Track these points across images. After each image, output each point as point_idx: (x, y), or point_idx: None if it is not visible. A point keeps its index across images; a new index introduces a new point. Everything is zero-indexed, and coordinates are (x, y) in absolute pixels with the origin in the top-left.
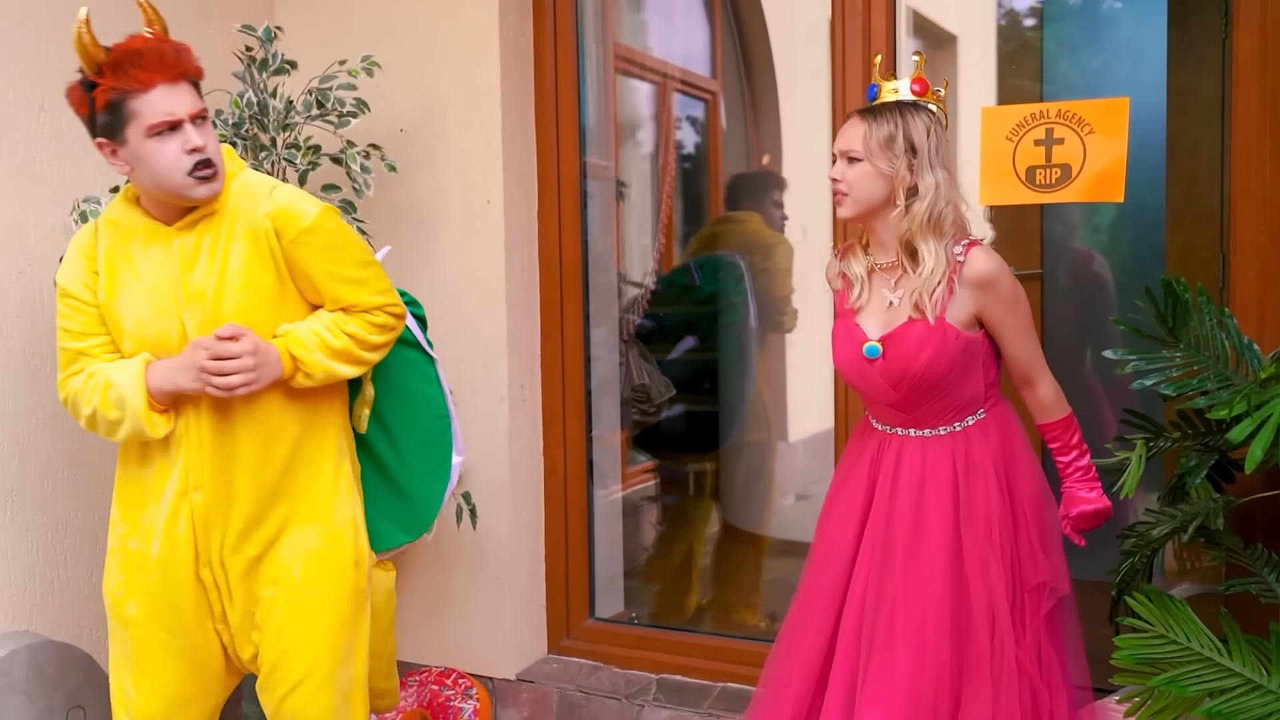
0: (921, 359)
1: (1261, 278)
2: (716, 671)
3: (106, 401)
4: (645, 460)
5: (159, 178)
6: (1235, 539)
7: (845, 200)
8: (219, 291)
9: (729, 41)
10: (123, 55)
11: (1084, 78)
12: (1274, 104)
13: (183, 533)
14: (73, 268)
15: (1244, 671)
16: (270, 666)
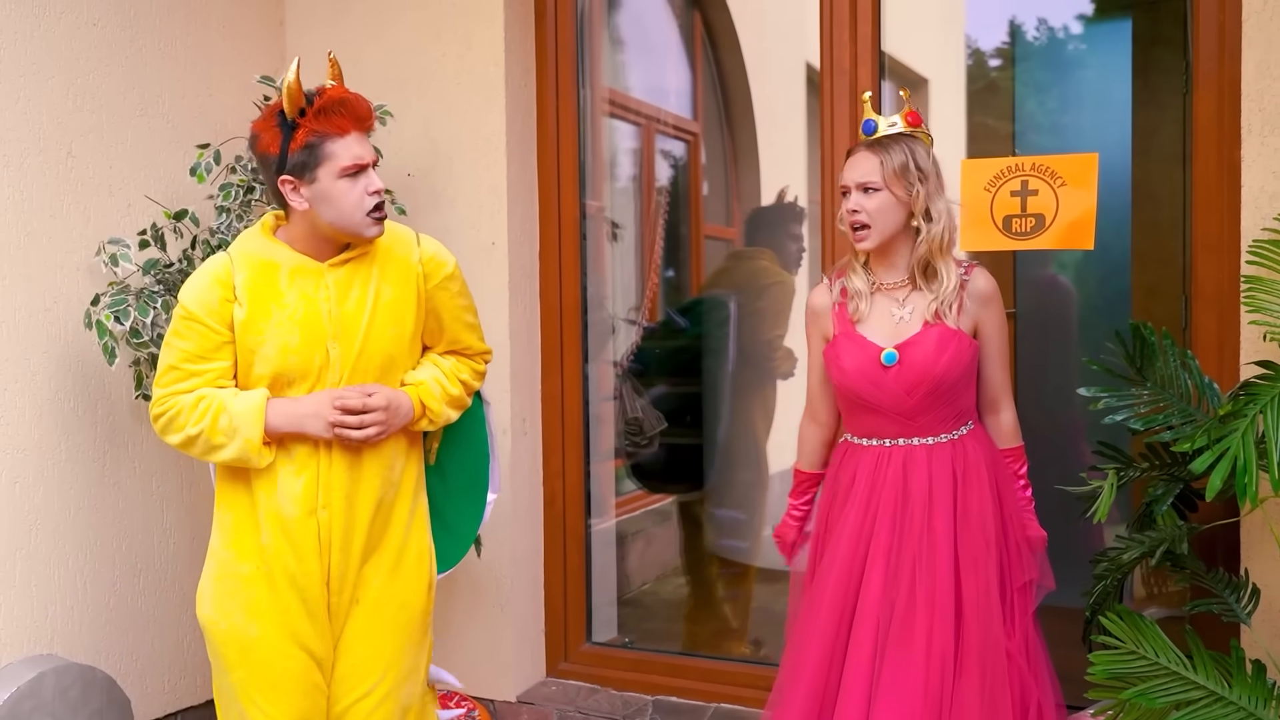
0: (942, 362)
1: (1220, 321)
2: (710, 693)
3: (217, 428)
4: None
5: (343, 214)
6: (1199, 563)
7: (869, 233)
8: (370, 323)
9: (709, 83)
10: (328, 103)
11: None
12: (1231, 160)
13: (310, 549)
14: (206, 294)
15: (1208, 684)
16: (340, 674)
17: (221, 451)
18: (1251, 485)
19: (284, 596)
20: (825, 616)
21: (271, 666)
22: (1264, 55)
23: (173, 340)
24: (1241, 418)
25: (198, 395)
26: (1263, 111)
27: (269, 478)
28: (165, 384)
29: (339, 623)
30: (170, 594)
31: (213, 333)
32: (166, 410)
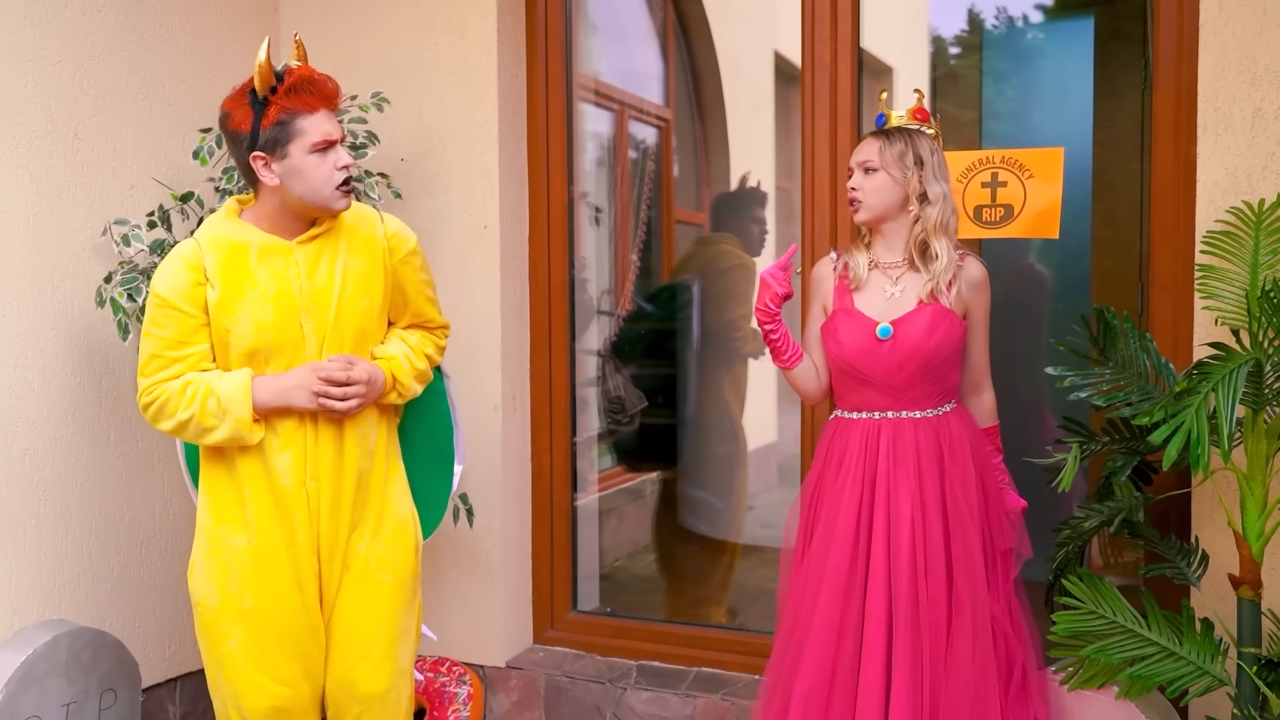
0: (934, 338)
1: (1175, 307)
2: (692, 657)
3: (206, 411)
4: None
5: (314, 188)
6: (1153, 531)
7: (861, 206)
8: (341, 296)
9: (681, 72)
10: (298, 81)
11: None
12: (1187, 156)
13: (301, 519)
14: (177, 280)
15: (1160, 641)
16: (338, 641)
17: (214, 433)
18: (1204, 456)
19: (276, 567)
20: (830, 586)
21: (265, 634)
22: (1218, 59)
23: (151, 329)
24: (1195, 394)
25: (184, 381)
26: (1217, 111)
27: (256, 453)
28: (149, 373)
29: (330, 591)
30: (171, 563)
31: (188, 317)
32: (155, 398)
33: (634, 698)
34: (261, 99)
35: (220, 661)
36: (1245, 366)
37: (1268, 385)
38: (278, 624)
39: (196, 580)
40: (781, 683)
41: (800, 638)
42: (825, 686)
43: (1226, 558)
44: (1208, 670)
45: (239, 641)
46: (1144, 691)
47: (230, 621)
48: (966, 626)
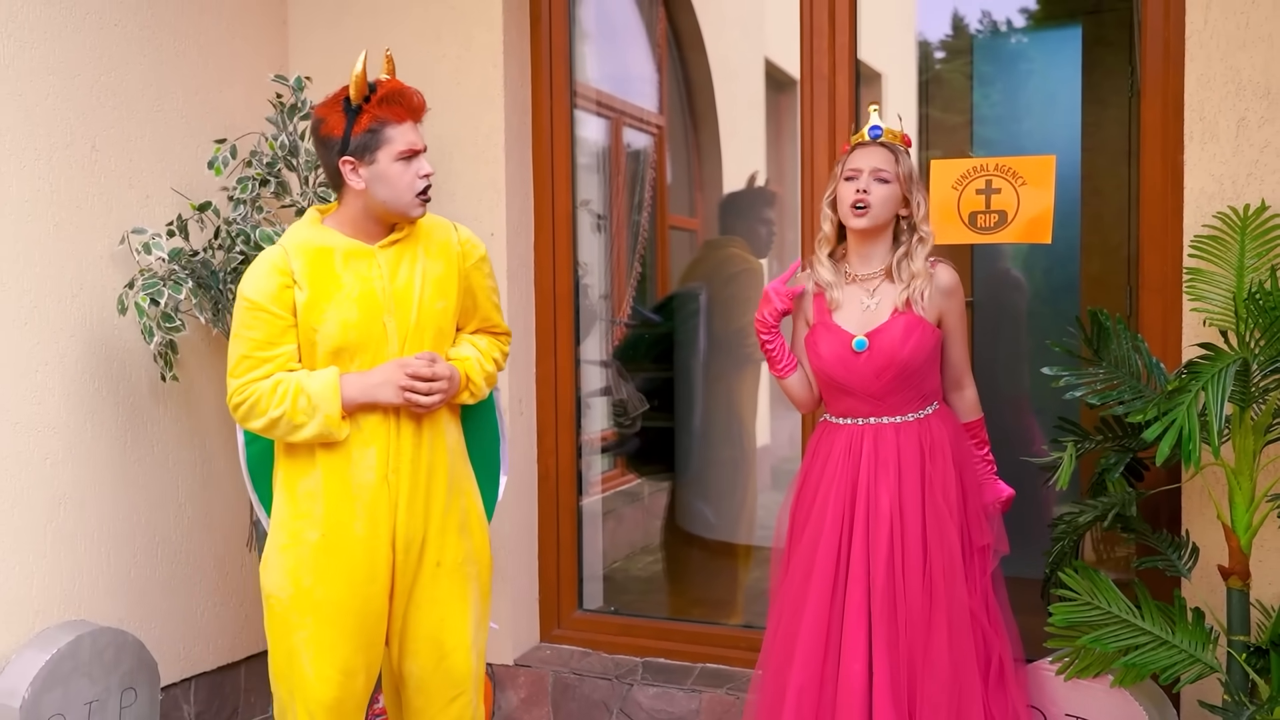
0: (908, 347)
1: (1164, 309)
2: (697, 654)
3: (297, 409)
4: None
5: (396, 194)
6: (1145, 525)
7: (867, 212)
8: (422, 297)
9: (674, 79)
10: (389, 93)
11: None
12: (1174, 163)
13: (382, 514)
14: (266, 284)
15: (1154, 630)
16: (425, 633)
17: (303, 430)
18: (1195, 452)
19: (350, 560)
20: (817, 584)
21: (334, 626)
22: (1204, 70)
23: (240, 332)
24: (1187, 393)
25: (274, 380)
26: (1203, 120)
27: (339, 449)
28: (240, 373)
29: (405, 583)
30: (185, 565)
31: (277, 318)
32: (246, 398)
33: (640, 693)
34: (355, 107)
35: (290, 653)
36: (1234, 366)
37: (1254, 383)
38: (347, 616)
39: (270, 574)
40: (773, 680)
41: (790, 635)
42: (816, 682)
43: (1215, 550)
44: (1199, 658)
45: (309, 634)
46: (1138, 679)
47: (302, 614)
48: (943, 620)
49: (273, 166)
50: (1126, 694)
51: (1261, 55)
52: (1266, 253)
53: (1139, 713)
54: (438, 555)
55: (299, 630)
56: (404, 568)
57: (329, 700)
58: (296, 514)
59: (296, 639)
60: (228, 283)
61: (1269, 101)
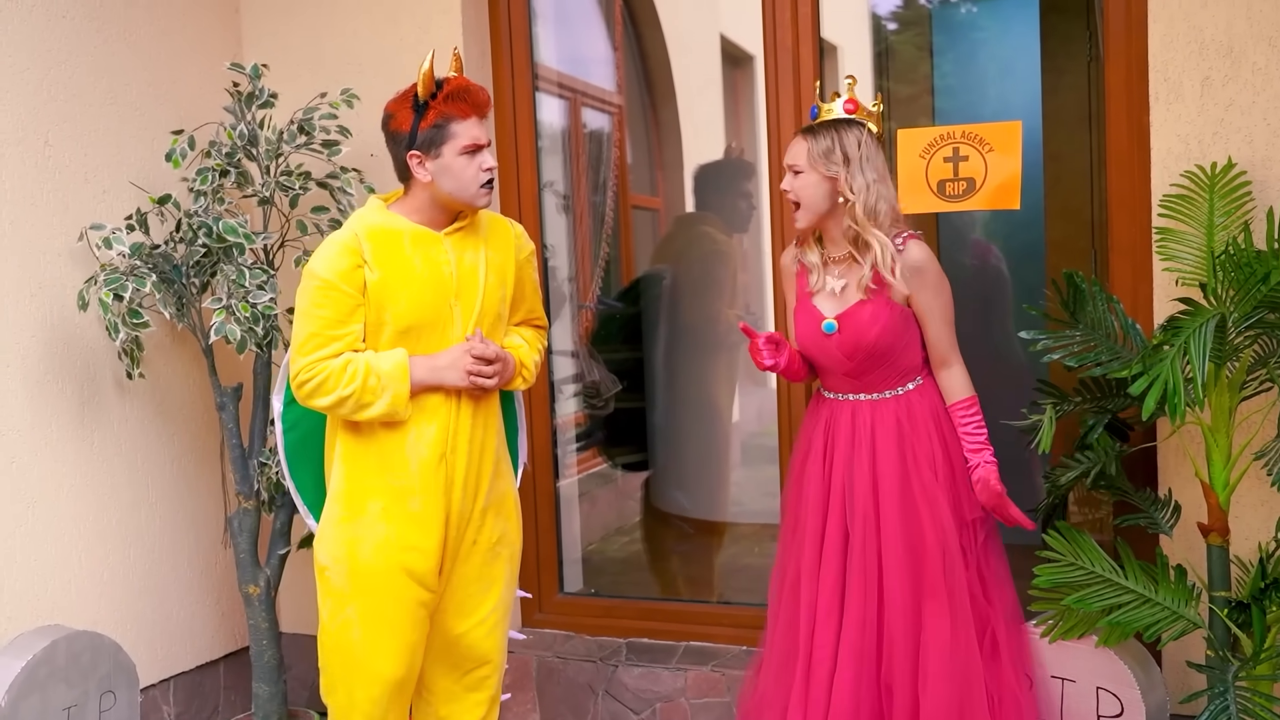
0: (873, 332)
1: (1135, 270)
2: (680, 632)
3: (367, 388)
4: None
5: (461, 185)
6: (1127, 482)
7: (799, 210)
8: (486, 282)
9: (631, 57)
10: (455, 90)
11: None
12: (1140, 125)
13: (437, 490)
14: (338, 263)
15: (1137, 588)
16: (456, 603)
17: (371, 409)
18: (1180, 405)
19: (407, 536)
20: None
21: (391, 600)
22: (1167, 30)
23: (310, 309)
24: (1170, 347)
25: (344, 360)
26: (1168, 81)
27: (399, 427)
28: (308, 351)
29: (450, 561)
30: (159, 564)
31: (348, 297)
32: (314, 375)
33: (625, 674)
34: (422, 103)
35: (346, 626)
36: (1213, 320)
37: (1230, 341)
38: (404, 591)
39: (325, 546)
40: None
41: (790, 609)
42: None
43: (1192, 508)
44: (1182, 614)
45: (366, 607)
46: (1122, 638)
47: (358, 586)
48: (941, 593)
49: (232, 156)
50: (1111, 654)
51: (1224, 13)
52: (1235, 210)
53: (1124, 671)
54: (475, 534)
55: (352, 603)
56: (453, 545)
57: (389, 675)
58: (353, 487)
59: (351, 612)
60: (191, 276)
61: (1232, 60)
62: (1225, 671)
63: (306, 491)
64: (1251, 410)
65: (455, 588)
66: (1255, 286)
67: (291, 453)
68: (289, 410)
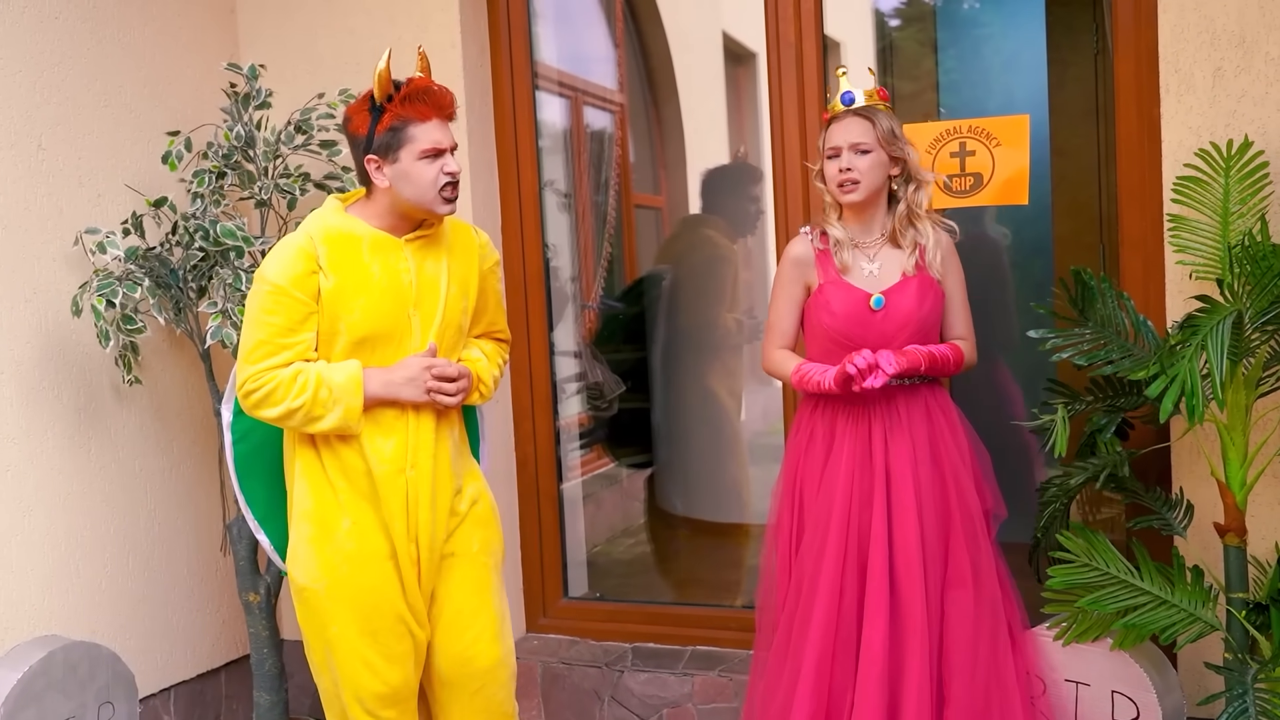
0: (925, 307)
1: (1146, 265)
2: (686, 637)
3: (318, 400)
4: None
5: (419, 191)
6: (1139, 484)
7: (857, 187)
8: (447, 292)
9: (632, 55)
10: (414, 91)
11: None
12: (1150, 117)
13: (398, 506)
14: (291, 268)
15: (1152, 589)
16: (448, 623)
17: (321, 422)
18: (1199, 407)
19: (378, 548)
20: (831, 557)
21: (375, 614)
22: (1177, 20)
23: (260, 316)
24: (1188, 347)
25: (294, 370)
26: (1178, 73)
27: (354, 441)
28: (256, 359)
29: (429, 576)
30: (158, 572)
31: (300, 304)
32: (261, 385)
33: (631, 680)
34: (379, 106)
35: (330, 644)
36: (1230, 318)
37: (1246, 337)
38: (385, 603)
39: (300, 566)
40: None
41: (806, 611)
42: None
43: (1208, 508)
44: (1199, 616)
45: (348, 623)
46: (1138, 641)
47: (339, 603)
48: (967, 576)
49: (229, 158)
50: (1126, 656)
51: (1235, 2)
52: (1253, 196)
53: (1139, 675)
54: (453, 546)
55: (337, 621)
56: (428, 561)
57: (382, 691)
58: (319, 504)
59: (334, 630)
60: (188, 280)
61: (1244, 50)
62: (1244, 674)
63: (257, 505)
64: (1269, 407)
65: (445, 603)
66: (1272, 281)
67: (241, 465)
68: (238, 420)
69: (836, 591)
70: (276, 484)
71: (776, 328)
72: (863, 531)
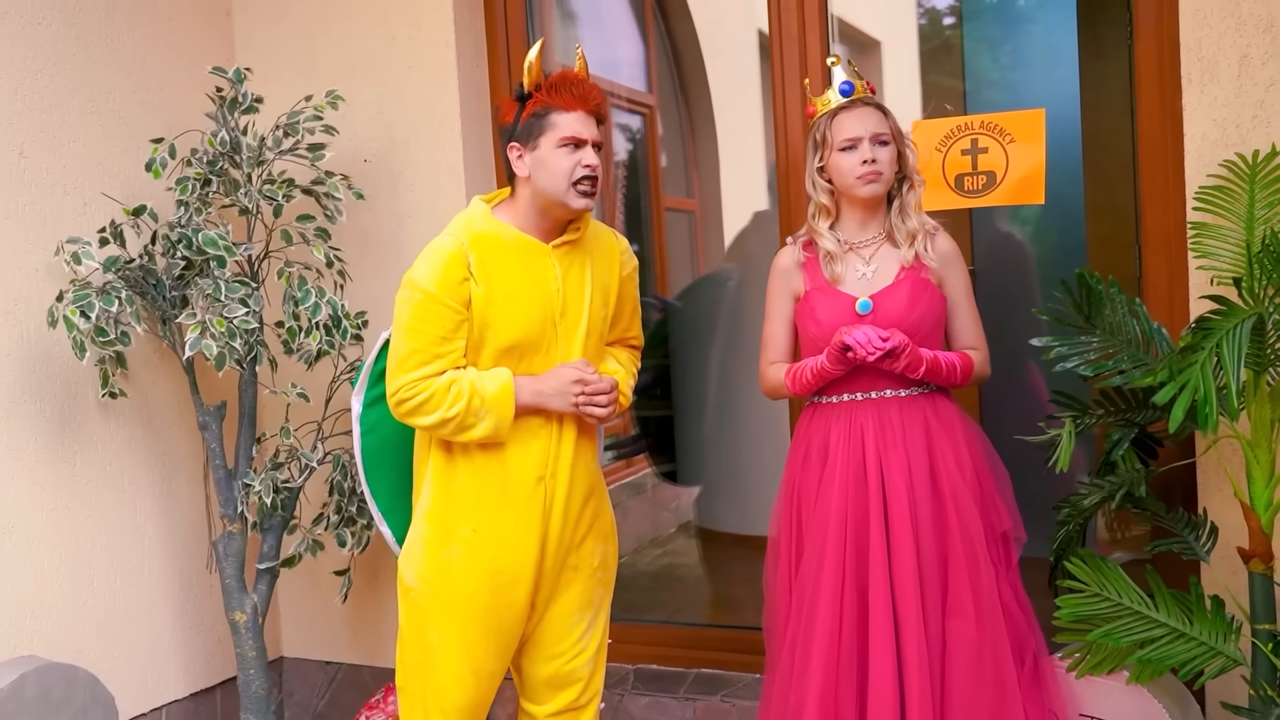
0: (917, 311)
1: (1169, 267)
2: (690, 659)
3: (471, 410)
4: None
5: (554, 181)
6: (1159, 504)
7: (880, 178)
8: (591, 302)
9: (663, 55)
10: (560, 79)
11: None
12: (1173, 108)
13: (534, 514)
14: (444, 275)
15: (1169, 622)
16: (554, 636)
17: (473, 430)
18: (1212, 415)
19: (498, 559)
20: (830, 579)
21: (476, 625)
22: (1200, 5)
23: (414, 325)
24: (1200, 350)
25: (449, 379)
26: (1201, 61)
27: (500, 447)
28: (410, 368)
29: (548, 587)
30: (147, 589)
31: (453, 312)
32: (416, 394)
33: (632, 704)
34: (526, 94)
35: (426, 650)
36: (1249, 321)
37: (1270, 345)
38: (490, 616)
39: (413, 566)
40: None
41: (807, 634)
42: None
43: (1236, 530)
44: (1221, 650)
45: (448, 631)
46: (1155, 675)
47: (443, 610)
48: (968, 605)
49: (214, 165)
50: (1145, 691)
51: None
52: (1279, 202)
53: (1159, 712)
54: (577, 560)
55: (437, 627)
56: (550, 572)
57: (462, 703)
58: (449, 508)
59: (433, 636)
60: (171, 290)
61: (1272, 35)
62: (1268, 713)
63: (381, 497)
64: None
65: (556, 616)
66: None
67: (369, 457)
68: (368, 412)
69: (836, 617)
70: (401, 477)
71: (770, 344)
72: (860, 551)
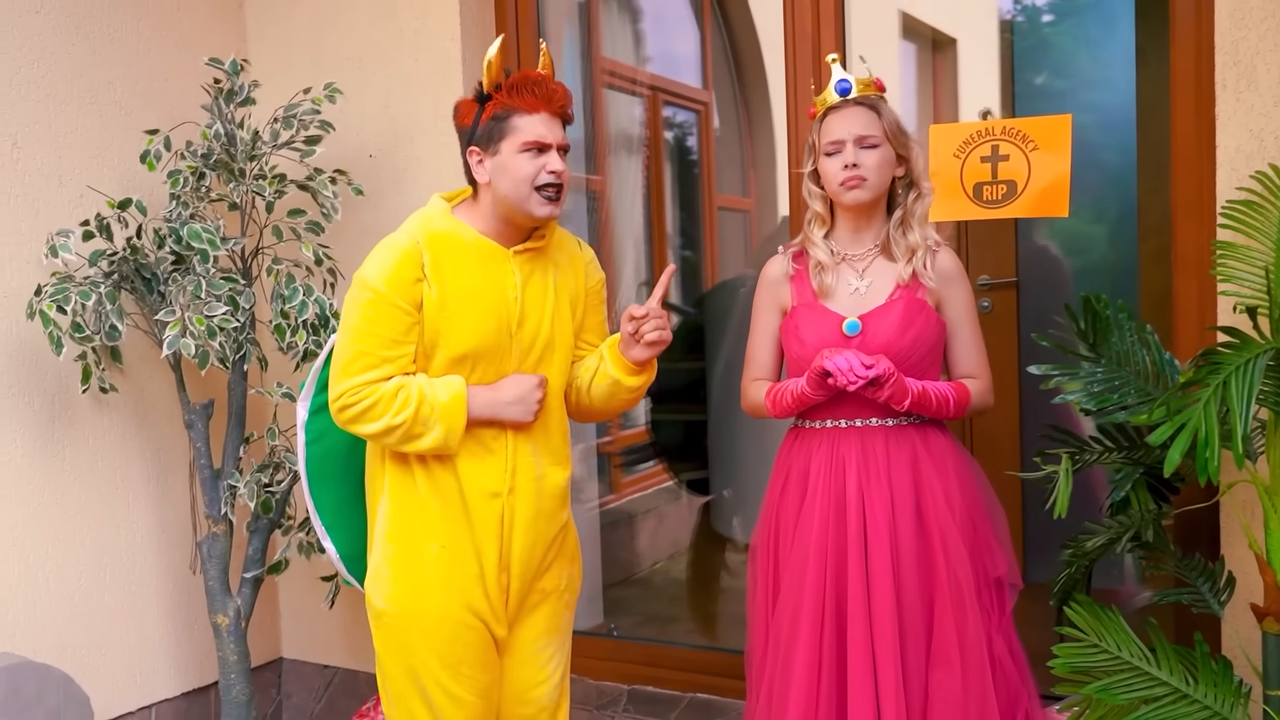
0: (908, 336)
1: (1200, 290)
2: (687, 682)
3: (419, 418)
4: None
5: (515, 188)
6: (1171, 550)
7: (863, 184)
8: (554, 312)
9: (720, 51)
10: (521, 80)
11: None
12: (1209, 119)
13: (491, 531)
14: (396, 274)
15: (1171, 681)
16: (524, 657)
17: (420, 440)
18: (1213, 460)
19: (467, 575)
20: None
21: (458, 644)
22: (1238, 4)
23: (360, 325)
24: (1204, 387)
25: (396, 384)
26: (1238, 65)
27: (453, 459)
28: (356, 371)
29: (514, 607)
30: (137, 588)
31: (404, 314)
32: (361, 399)
33: None
34: (486, 95)
35: (412, 673)
36: (1263, 357)
37: None
38: (469, 633)
39: (382, 589)
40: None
41: (785, 668)
42: None
43: (1249, 585)
44: (1227, 717)
45: (431, 652)
46: None
47: (422, 631)
48: (954, 655)
49: (209, 158)
50: None
51: None
52: None
53: None
54: (546, 582)
55: (417, 652)
56: (517, 596)
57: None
58: (410, 525)
59: (416, 660)
60: (160, 285)
61: None
62: None
63: (326, 511)
64: None
65: (523, 642)
66: None
67: (313, 467)
68: (314, 420)
69: (814, 661)
70: (348, 491)
71: (754, 360)
72: (839, 591)
